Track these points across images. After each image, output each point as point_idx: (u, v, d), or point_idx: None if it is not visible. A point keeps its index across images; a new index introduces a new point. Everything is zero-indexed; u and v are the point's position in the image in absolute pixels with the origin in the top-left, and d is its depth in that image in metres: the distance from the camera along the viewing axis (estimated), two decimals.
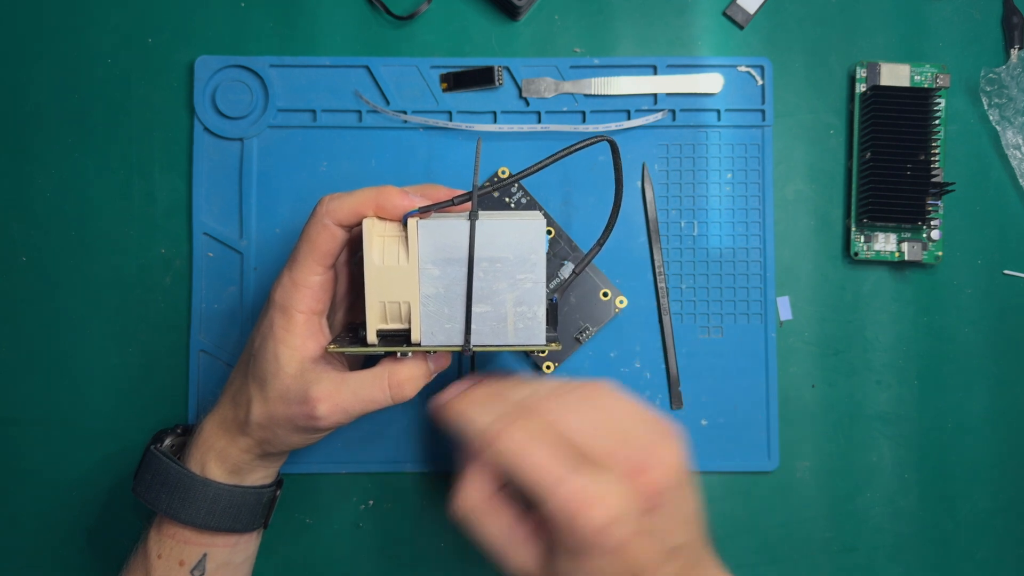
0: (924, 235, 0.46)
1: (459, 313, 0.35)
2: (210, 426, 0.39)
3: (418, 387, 0.37)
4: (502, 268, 0.35)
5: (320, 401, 0.36)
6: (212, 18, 0.47)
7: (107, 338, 0.45)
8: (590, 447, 0.33)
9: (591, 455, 0.33)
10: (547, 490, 0.32)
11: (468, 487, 0.35)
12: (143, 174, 0.46)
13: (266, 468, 0.40)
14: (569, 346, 0.45)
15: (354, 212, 0.36)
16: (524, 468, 0.32)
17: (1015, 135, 0.46)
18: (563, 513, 0.31)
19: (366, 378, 0.36)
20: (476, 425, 0.34)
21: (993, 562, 0.45)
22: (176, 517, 0.38)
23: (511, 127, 0.46)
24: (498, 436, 0.33)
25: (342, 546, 0.45)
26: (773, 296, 0.46)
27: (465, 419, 0.35)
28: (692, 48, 0.47)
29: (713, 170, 0.46)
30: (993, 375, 0.46)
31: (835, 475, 0.46)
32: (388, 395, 0.37)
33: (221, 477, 0.39)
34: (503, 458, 0.33)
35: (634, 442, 0.34)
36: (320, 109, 0.46)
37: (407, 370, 0.37)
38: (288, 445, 0.38)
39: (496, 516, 0.34)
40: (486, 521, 0.34)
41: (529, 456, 0.32)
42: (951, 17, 0.47)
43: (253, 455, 0.39)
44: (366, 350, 0.35)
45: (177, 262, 0.46)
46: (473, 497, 0.35)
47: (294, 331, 0.37)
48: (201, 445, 0.39)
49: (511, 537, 0.34)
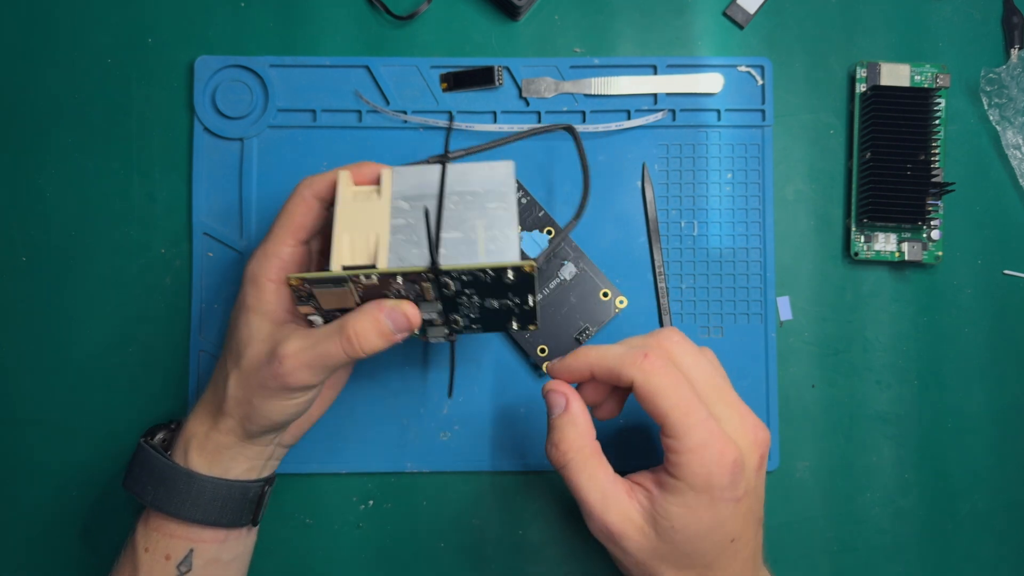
0: (924, 235, 0.46)
1: (433, 175, 0.35)
2: (193, 416, 0.39)
3: (373, 344, 0.35)
4: (473, 201, 0.35)
5: (286, 357, 0.35)
6: (212, 18, 0.47)
7: (107, 338, 0.45)
8: (709, 397, 0.34)
9: (710, 403, 0.34)
10: (689, 425, 0.32)
11: (571, 427, 0.35)
12: (143, 174, 0.46)
13: (250, 459, 0.39)
14: (569, 346, 0.45)
15: (331, 183, 0.37)
16: (668, 397, 0.33)
17: (1015, 135, 0.46)
18: (702, 450, 0.32)
19: (324, 331, 0.36)
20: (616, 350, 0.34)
21: (993, 562, 0.45)
22: (161, 509, 0.38)
23: (511, 127, 0.46)
24: (646, 358, 0.33)
25: (342, 546, 0.45)
26: (773, 296, 0.46)
27: (599, 352, 0.35)
28: (692, 48, 0.47)
29: (713, 170, 0.46)
30: (993, 375, 0.46)
31: (835, 475, 0.46)
32: (341, 348, 0.35)
33: (204, 468, 0.38)
34: (647, 381, 0.33)
35: (741, 404, 0.35)
36: (320, 109, 0.46)
37: (360, 322, 0.35)
38: (268, 419, 0.37)
39: (597, 460, 0.35)
40: (586, 465, 0.35)
41: (675, 387, 0.33)
42: (951, 17, 0.47)
43: (235, 437, 0.38)
44: (323, 275, 0.34)
45: (177, 262, 0.46)
46: (575, 440, 0.35)
47: (264, 299, 0.37)
48: (184, 435, 0.39)
49: (613, 487, 0.34)
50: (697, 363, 0.35)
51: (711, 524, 0.33)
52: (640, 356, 0.34)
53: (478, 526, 0.45)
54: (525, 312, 0.37)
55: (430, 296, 0.35)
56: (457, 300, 0.36)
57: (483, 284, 0.35)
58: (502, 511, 0.45)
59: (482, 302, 0.36)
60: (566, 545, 0.45)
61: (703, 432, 0.32)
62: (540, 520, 0.45)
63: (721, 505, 0.33)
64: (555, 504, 0.45)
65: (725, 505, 0.33)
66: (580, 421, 0.35)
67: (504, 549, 0.45)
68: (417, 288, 0.35)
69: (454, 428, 0.45)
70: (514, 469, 0.45)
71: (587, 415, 0.36)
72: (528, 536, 0.45)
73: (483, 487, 0.45)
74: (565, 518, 0.45)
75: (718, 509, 0.33)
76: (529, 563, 0.45)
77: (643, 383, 0.33)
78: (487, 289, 0.35)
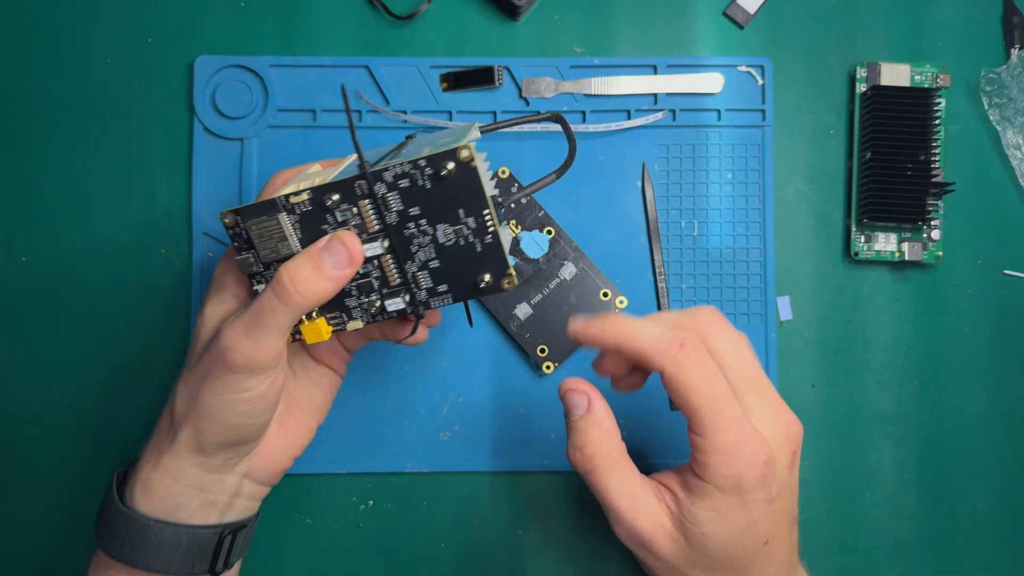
0: (924, 235, 0.46)
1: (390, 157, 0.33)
2: (146, 445, 0.36)
3: (312, 286, 0.31)
4: (427, 140, 0.34)
5: (224, 329, 0.32)
6: (212, 18, 0.47)
7: (107, 338, 0.45)
8: (743, 388, 0.32)
9: (743, 394, 0.32)
10: (721, 425, 0.30)
11: (595, 429, 0.32)
12: (143, 174, 0.46)
13: (205, 492, 0.35)
14: (570, 346, 0.45)
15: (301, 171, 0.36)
16: (702, 392, 0.30)
17: (1015, 135, 0.46)
18: (732, 450, 0.30)
19: (261, 291, 0.33)
20: (650, 332, 0.31)
21: (993, 562, 0.45)
22: (104, 550, 0.35)
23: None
24: (682, 348, 0.31)
25: (342, 546, 0.45)
26: (773, 296, 0.46)
27: (631, 330, 0.32)
28: (692, 48, 0.47)
29: (713, 170, 0.46)
30: (993, 375, 0.46)
31: (835, 475, 0.46)
32: (276, 297, 0.31)
33: (149, 507, 0.34)
34: (681, 374, 0.31)
35: (775, 397, 0.33)
36: (320, 109, 0.46)
37: (292, 264, 0.31)
38: (218, 420, 0.33)
39: (625, 464, 0.33)
40: (614, 470, 0.32)
41: (709, 382, 0.30)
42: (951, 17, 0.47)
43: (188, 458, 0.34)
44: (255, 204, 0.32)
45: (177, 262, 0.46)
46: (601, 443, 0.32)
47: (224, 288, 0.35)
48: (136, 467, 0.36)
49: (642, 491, 0.32)
50: (735, 348, 0.33)
51: (743, 527, 0.31)
52: (676, 345, 0.31)
53: (478, 526, 0.45)
54: (490, 251, 0.32)
55: (371, 223, 0.32)
56: (405, 230, 0.32)
57: (426, 196, 0.31)
58: (502, 511, 0.45)
59: (434, 233, 0.32)
60: (566, 545, 0.45)
61: (735, 432, 0.30)
62: (540, 520, 0.45)
63: (753, 507, 0.31)
64: (555, 504, 0.45)
65: (757, 506, 0.31)
66: (605, 422, 0.33)
67: (504, 549, 0.45)
68: (357, 215, 0.32)
69: (454, 428, 0.45)
70: (514, 469, 0.45)
71: (611, 415, 0.34)
72: (528, 536, 0.45)
73: (483, 487, 0.45)
74: (565, 518, 0.45)
75: (750, 511, 0.31)
76: (529, 563, 0.45)
77: (676, 376, 0.31)
78: (433, 205, 0.31)
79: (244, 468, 0.36)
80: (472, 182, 0.31)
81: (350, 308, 0.34)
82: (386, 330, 0.38)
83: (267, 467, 0.37)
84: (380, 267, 0.33)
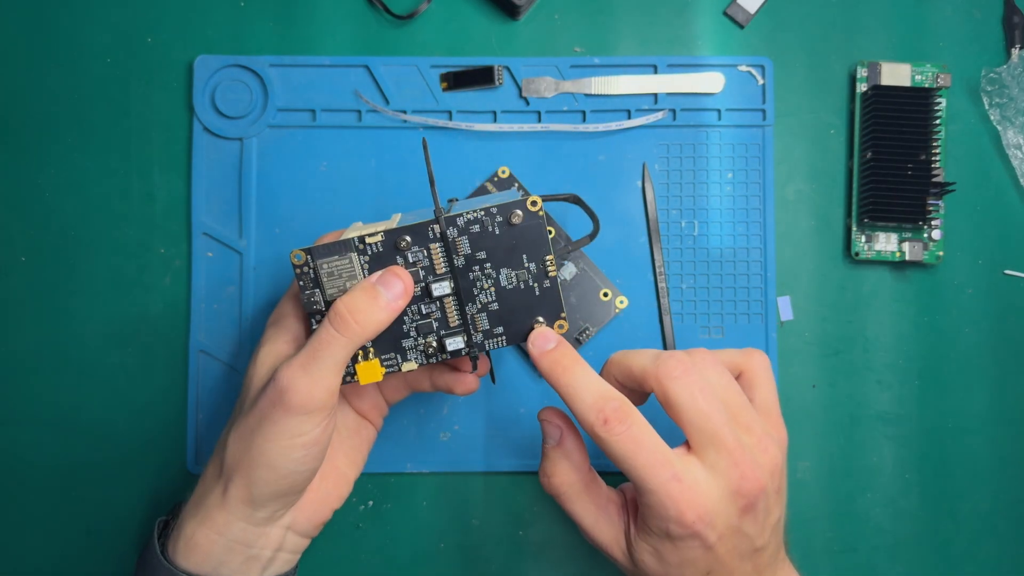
0: (925, 235, 0.46)
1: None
2: (190, 499, 0.36)
3: (371, 317, 0.33)
4: (477, 200, 0.37)
5: (281, 369, 0.33)
6: (212, 18, 0.47)
7: (106, 338, 0.45)
8: (701, 438, 0.32)
9: (699, 445, 0.32)
10: (649, 486, 0.32)
11: (564, 461, 0.35)
12: (142, 174, 0.46)
13: (249, 547, 0.35)
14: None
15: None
16: (629, 458, 0.32)
17: (1016, 135, 0.46)
18: (660, 509, 0.32)
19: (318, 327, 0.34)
20: (586, 395, 0.33)
21: (994, 563, 0.45)
22: None
23: (511, 127, 0.46)
24: (605, 424, 0.32)
25: (342, 546, 0.45)
26: (774, 296, 0.46)
27: (572, 387, 0.33)
28: (692, 48, 0.47)
29: (713, 170, 0.46)
30: (994, 375, 0.46)
31: (836, 475, 0.46)
32: (335, 330, 0.32)
33: (191, 564, 0.34)
34: (608, 446, 0.32)
35: (749, 433, 0.33)
36: (320, 109, 0.46)
37: (350, 297, 0.33)
38: (272, 468, 0.33)
39: (588, 493, 0.35)
40: (579, 498, 0.35)
41: (636, 449, 0.32)
42: (952, 17, 0.47)
43: (236, 511, 0.34)
44: (327, 243, 0.34)
45: (176, 262, 0.46)
46: (568, 474, 0.35)
47: (281, 331, 0.36)
48: (179, 520, 0.36)
49: (601, 515, 0.35)
50: (697, 400, 0.33)
51: (679, 563, 0.33)
52: (600, 421, 0.32)
53: (478, 526, 0.45)
54: (548, 295, 0.35)
55: (440, 264, 0.34)
56: (471, 273, 0.35)
57: (493, 241, 0.34)
58: (502, 511, 0.45)
59: (497, 276, 0.35)
60: (566, 545, 0.45)
61: (661, 495, 0.31)
62: (540, 520, 0.45)
63: (687, 551, 0.32)
64: (555, 504, 0.45)
65: (691, 550, 0.32)
66: (574, 455, 0.35)
67: (504, 549, 0.45)
68: (426, 257, 0.34)
69: (454, 428, 0.45)
70: (514, 469, 0.45)
71: (581, 447, 0.35)
72: (528, 536, 0.45)
73: (483, 487, 0.45)
74: (565, 518, 0.45)
75: (683, 554, 0.32)
76: (529, 563, 0.45)
77: (605, 446, 0.32)
78: (500, 250, 0.34)
79: (288, 520, 0.36)
80: (538, 230, 0.34)
81: (405, 349, 0.35)
82: (436, 379, 0.39)
83: (309, 519, 0.37)
84: (442, 308, 0.35)
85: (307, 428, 0.33)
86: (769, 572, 0.35)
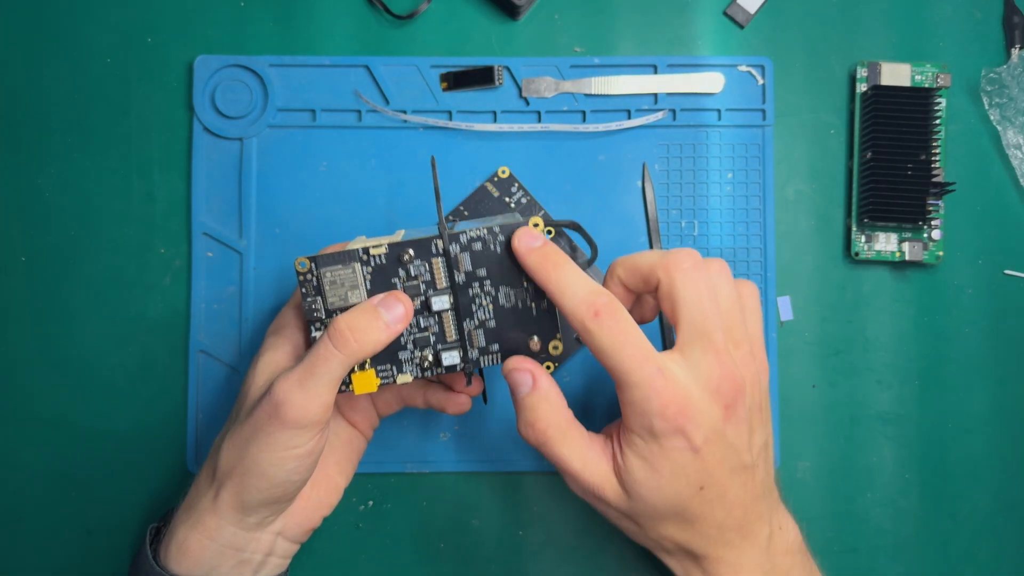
0: (925, 235, 0.46)
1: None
2: (182, 503, 0.36)
3: (371, 336, 0.33)
4: (478, 221, 0.37)
5: (278, 382, 0.33)
6: (212, 18, 0.47)
7: (106, 338, 0.45)
8: (686, 334, 0.33)
9: (684, 341, 0.33)
10: (631, 380, 0.32)
11: (543, 403, 0.34)
12: (142, 174, 0.46)
13: (240, 552, 0.35)
14: (570, 347, 0.45)
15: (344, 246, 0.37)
16: (611, 353, 0.32)
17: (1016, 135, 0.46)
18: (643, 403, 0.32)
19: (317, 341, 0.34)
20: (575, 293, 0.33)
21: (994, 563, 0.45)
22: None
23: (511, 127, 0.46)
24: (595, 316, 0.32)
25: (342, 546, 0.45)
26: (774, 296, 0.46)
27: (560, 284, 0.33)
28: (692, 48, 0.47)
29: (713, 170, 0.46)
30: (994, 375, 0.46)
31: (836, 475, 0.46)
32: (334, 347, 0.33)
33: (182, 567, 0.35)
34: (592, 340, 0.32)
35: (737, 347, 0.34)
36: (320, 109, 0.46)
37: (351, 315, 0.33)
38: (265, 476, 0.34)
39: (573, 432, 0.34)
40: (564, 439, 0.34)
41: (621, 343, 0.32)
42: (952, 17, 0.47)
43: (228, 516, 0.35)
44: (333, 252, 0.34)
45: (176, 262, 0.46)
46: (550, 415, 0.34)
47: (281, 340, 0.37)
48: (171, 525, 0.36)
49: (590, 452, 0.34)
50: (692, 297, 0.33)
51: (669, 473, 0.32)
52: (590, 314, 0.32)
53: (478, 526, 0.45)
54: (545, 316, 0.36)
55: (441, 279, 0.35)
56: (470, 289, 0.35)
57: (494, 259, 0.35)
58: (502, 511, 0.45)
59: (496, 294, 0.35)
60: (566, 545, 0.45)
61: (644, 388, 0.32)
62: (540, 520, 0.45)
63: (675, 453, 0.32)
64: (555, 504, 0.45)
65: (680, 453, 0.32)
66: (552, 396, 0.34)
67: (504, 549, 0.45)
68: (428, 271, 0.35)
69: (454, 428, 0.45)
70: (514, 469, 0.45)
71: (556, 387, 0.35)
72: (528, 536, 0.45)
73: (483, 487, 0.45)
74: (565, 518, 0.45)
75: (673, 458, 0.32)
76: (529, 563, 0.45)
77: (588, 340, 0.33)
78: (500, 268, 0.35)
79: (279, 527, 0.37)
80: None
81: (402, 361, 0.36)
82: (429, 396, 0.40)
83: (299, 525, 0.38)
84: (440, 322, 0.36)
85: (301, 441, 0.34)
86: (763, 505, 0.35)
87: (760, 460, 0.34)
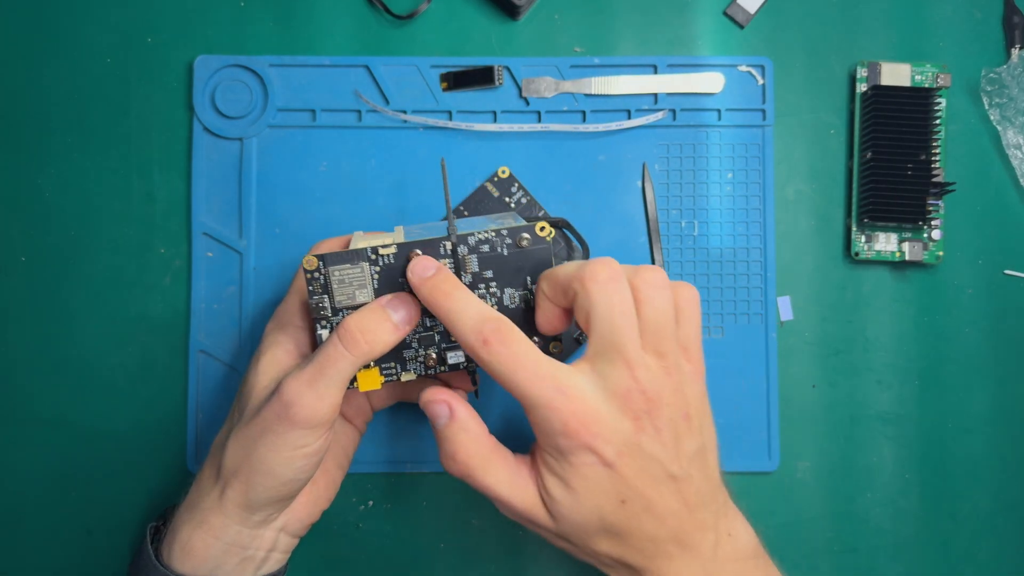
0: (925, 235, 0.46)
1: (443, 230, 0.36)
2: (183, 502, 0.36)
3: (380, 337, 0.33)
4: (480, 220, 0.38)
5: (286, 382, 0.33)
6: (212, 18, 0.47)
7: (106, 338, 0.45)
8: (597, 347, 0.32)
9: (594, 354, 0.32)
10: (532, 401, 0.31)
11: (463, 434, 0.33)
12: (142, 174, 0.46)
13: (244, 549, 0.35)
14: (569, 347, 0.45)
15: (345, 241, 0.37)
16: (509, 376, 0.31)
17: (1016, 135, 0.46)
18: (544, 424, 0.31)
19: (325, 342, 0.34)
20: (468, 315, 0.32)
21: (994, 563, 0.45)
22: None
23: (511, 127, 0.46)
24: (485, 344, 0.31)
25: (342, 546, 0.45)
26: (774, 296, 0.46)
27: (453, 309, 0.32)
28: (692, 48, 0.47)
29: (713, 170, 0.46)
30: (994, 375, 0.46)
31: (836, 475, 0.46)
32: (343, 348, 0.33)
33: (187, 566, 0.35)
34: (488, 363, 0.32)
35: (660, 358, 0.32)
36: (320, 109, 0.46)
37: (361, 316, 0.33)
38: (272, 475, 0.34)
39: (497, 460, 0.33)
40: (488, 468, 0.33)
41: (518, 365, 0.31)
42: (952, 17, 0.47)
43: (233, 515, 0.35)
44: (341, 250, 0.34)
45: (176, 262, 0.46)
46: (470, 446, 0.33)
47: (280, 345, 0.37)
48: (172, 524, 0.36)
49: (516, 478, 0.33)
50: (605, 311, 0.32)
51: (585, 490, 0.31)
52: (480, 342, 0.32)
53: (478, 526, 0.45)
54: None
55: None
56: (476, 290, 0.35)
57: (501, 261, 0.35)
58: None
59: (501, 295, 0.36)
60: None
61: (544, 410, 0.31)
62: None
63: (587, 469, 0.31)
64: None
65: (591, 469, 0.31)
66: (471, 426, 0.34)
67: (504, 549, 0.45)
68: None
69: None
70: None
71: (475, 416, 0.34)
72: (528, 536, 0.45)
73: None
74: None
75: (585, 474, 0.31)
76: (529, 563, 0.45)
77: (485, 364, 0.32)
78: (506, 269, 0.35)
79: (281, 523, 0.37)
80: (543, 254, 0.36)
81: (406, 360, 0.36)
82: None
83: (300, 520, 0.38)
84: None
85: (310, 440, 0.34)
86: (704, 514, 0.33)
87: (694, 469, 0.33)
